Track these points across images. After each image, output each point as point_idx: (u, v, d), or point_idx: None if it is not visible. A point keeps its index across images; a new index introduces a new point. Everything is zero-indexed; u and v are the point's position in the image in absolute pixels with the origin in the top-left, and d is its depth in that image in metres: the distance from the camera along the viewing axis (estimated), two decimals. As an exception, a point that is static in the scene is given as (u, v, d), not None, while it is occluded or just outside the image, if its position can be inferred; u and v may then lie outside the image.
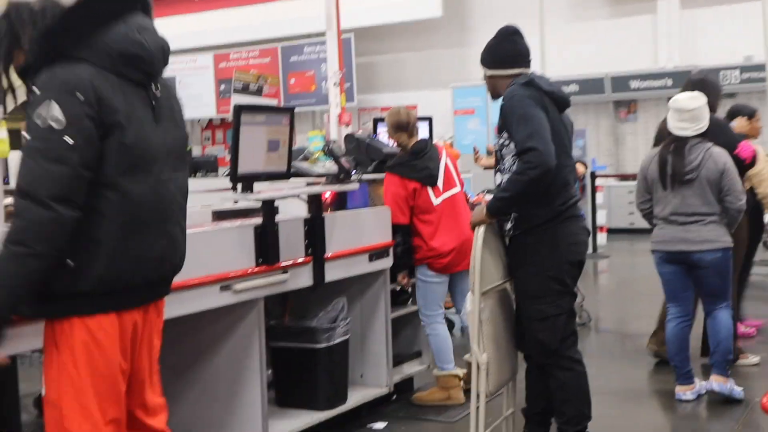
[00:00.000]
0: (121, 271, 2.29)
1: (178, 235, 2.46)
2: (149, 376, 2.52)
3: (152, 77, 2.38)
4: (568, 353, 3.75)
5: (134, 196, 2.29)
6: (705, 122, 4.70)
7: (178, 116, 2.51)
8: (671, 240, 4.73)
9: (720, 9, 13.81)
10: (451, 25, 15.43)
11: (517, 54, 3.85)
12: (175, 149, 2.45)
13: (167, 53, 2.44)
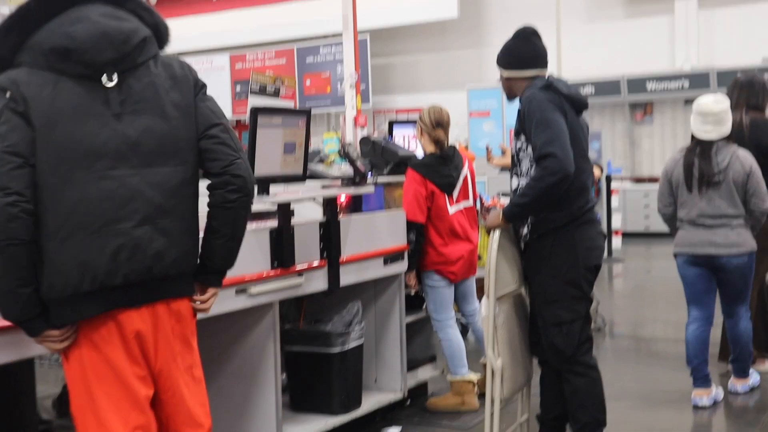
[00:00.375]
0: (69, 277, 2.24)
1: (146, 234, 2.30)
2: (186, 386, 2.46)
3: (97, 68, 2.28)
4: (584, 359, 3.72)
5: (69, 197, 2.23)
6: (728, 125, 4.71)
7: (168, 106, 2.37)
8: (698, 243, 4.71)
9: (738, 9, 13.73)
10: (466, 26, 15.41)
11: (535, 55, 3.83)
12: (147, 142, 2.32)
13: (119, 40, 2.30)
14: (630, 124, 14.83)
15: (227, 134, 2.45)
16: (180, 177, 2.38)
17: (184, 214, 2.39)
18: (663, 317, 7.78)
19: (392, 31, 15.72)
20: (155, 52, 2.42)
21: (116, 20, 2.33)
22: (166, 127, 2.36)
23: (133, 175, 2.30)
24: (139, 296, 2.34)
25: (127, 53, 2.32)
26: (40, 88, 2.23)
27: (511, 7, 14.97)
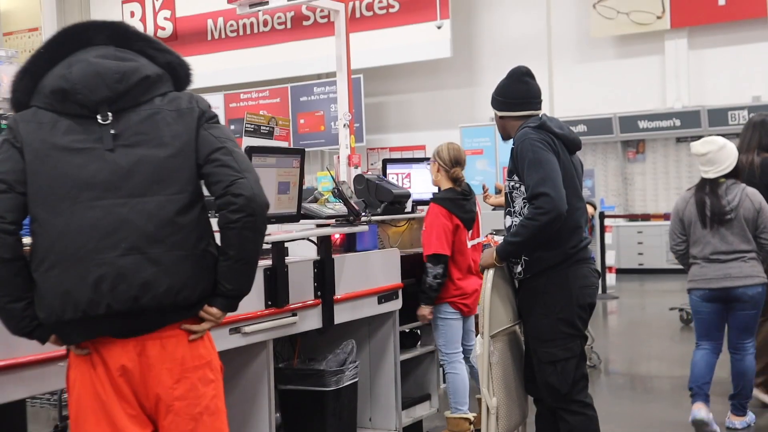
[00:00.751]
0: (52, 306, 2.28)
1: (133, 263, 2.27)
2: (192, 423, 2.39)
3: (91, 107, 2.35)
4: (579, 397, 3.72)
5: (55, 227, 2.29)
6: (727, 164, 4.88)
7: (167, 138, 2.37)
8: (714, 278, 4.85)
9: (728, 50, 13.89)
10: (459, 65, 15.55)
11: (528, 95, 3.86)
12: (140, 172, 2.33)
13: (113, 79, 2.35)
14: (623, 162, 14.93)
15: (230, 156, 2.40)
16: (176, 206, 2.35)
17: (181, 243, 2.34)
18: (658, 354, 7.77)
19: (386, 70, 15.85)
20: (165, 90, 2.45)
21: (114, 60, 2.39)
22: (162, 157, 2.36)
23: (123, 204, 2.31)
24: (126, 328, 2.32)
25: (123, 92, 2.36)
26: (38, 126, 2.34)
27: (503, 47, 15.12)
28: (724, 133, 13.90)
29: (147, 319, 2.34)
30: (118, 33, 2.46)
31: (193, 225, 2.38)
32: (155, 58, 2.47)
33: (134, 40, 2.47)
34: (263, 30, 16.74)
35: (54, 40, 2.44)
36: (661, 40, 14.32)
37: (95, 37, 2.44)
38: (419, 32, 14.93)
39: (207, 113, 2.48)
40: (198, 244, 2.38)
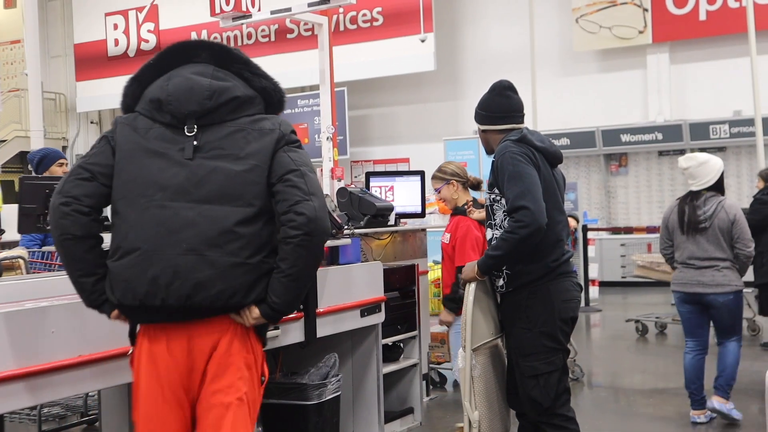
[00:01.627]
0: (115, 290, 2.50)
1: (190, 263, 2.44)
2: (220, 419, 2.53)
3: (180, 118, 2.57)
4: (561, 411, 3.71)
5: (129, 220, 2.51)
6: (707, 178, 5.34)
7: (243, 155, 2.54)
8: (688, 282, 5.31)
9: (709, 64, 14.01)
10: (443, 78, 15.60)
11: (510, 109, 3.86)
12: (211, 182, 2.50)
13: (203, 96, 2.56)
14: (605, 175, 15.00)
15: (302, 179, 2.53)
16: (239, 216, 2.49)
17: (237, 251, 2.47)
18: (641, 367, 7.79)
19: (370, 83, 15.88)
20: (254, 111, 2.63)
21: (210, 78, 2.60)
22: (234, 171, 2.52)
23: (191, 208, 2.48)
24: (171, 318, 2.51)
25: (211, 108, 2.57)
26: (133, 130, 2.60)
27: (487, 60, 15.19)
28: (706, 147, 14.11)
29: (193, 314, 2.50)
30: (220, 53, 2.67)
31: (253, 236, 2.50)
32: (251, 81, 2.67)
33: (234, 62, 2.67)
34: (247, 43, 16.73)
35: (163, 53, 2.69)
36: (643, 55, 14.43)
37: (198, 55, 2.66)
38: (403, 45, 14.98)
39: (288, 137, 2.61)
40: (255, 255, 2.50)
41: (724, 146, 14.04)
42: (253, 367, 2.64)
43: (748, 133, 13.21)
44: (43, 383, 2.72)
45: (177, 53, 2.68)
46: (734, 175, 14.11)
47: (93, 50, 18.45)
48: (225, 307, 2.50)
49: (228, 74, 2.65)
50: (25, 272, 4.67)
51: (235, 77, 2.65)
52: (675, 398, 6.27)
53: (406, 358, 5.07)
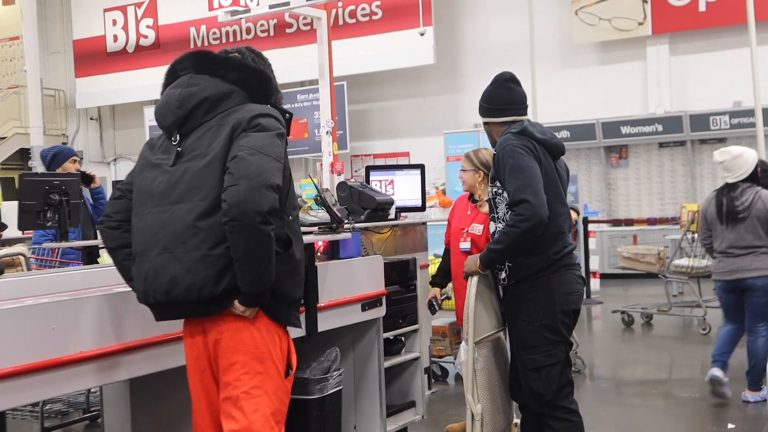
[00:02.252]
0: (135, 289, 2.82)
1: (165, 261, 2.66)
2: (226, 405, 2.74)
3: (167, 131, 2.81)
4: (564, 403, 3.71)
5: (133, 227, 2.82)
6: (742, 171, 5.63)
7: (210, 151, 2.70)
8: (728, 270, 5.63)
9: (709, 55, 13.98)
10: (443, 72, 15.57)
11: (512, 101, 3.85)
12: (182, 182, 2.70)
13: (174, 106, 2.78)
14: (606, 168, 14.98)
15: (237, 163, 2.61)
16: (198, 211, 2.66)
17: (200, 244, 2.63)
18: (643, 359, 7.79)
19: (369, 77, 15.85)
20: (233, 104, 2.78)
21: (184, 88, 2.79)
22: (197, 168, 2.70)
23: (166, 210, 2.71)
24: (172, 315, 2.78)
25: (185, 116, 2.77)
26: (149, 147, 2.91)
27: (486, 53, 15.16)
28: (706, 138, 14.11)
29: (182, 310, 2.74)
30: (198, 60, 2.85)
31: (212, 228, 2.63)
32: (225, 77, 2.81)
33: (210, 64, 2.84)
34: (246, 37, 16.71)
35: (166, 73, 2.92)
36: (642, 46, 14.40)
37: (182, 69, 2.87)
38: (402, 39, 14.95)
39: (242, 124, 2.70)
40: (217, 246, 2.63)
41: (725, 137, 14.02)
42: (268, 359, 2.75)
43: (748, 123, 13.18)
44: (44, 380, 2.72)
45: (170, 72, 2.91)
46: (735, 166, 14.07)
47: (92, 46, 18.43)
48: (200, 300, 2.64)
49: (203, 78, 2.81)
50: (25, 269, 4.67)
51: (210, 78, 2.81)
52: (676, 388, 6.27)
53: (407, 352, 5.07)
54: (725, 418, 5.34)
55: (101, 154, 19.43)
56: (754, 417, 5.33)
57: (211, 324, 2.74)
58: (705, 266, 8.94)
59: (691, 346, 8.16)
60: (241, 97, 2.81)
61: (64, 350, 2.79)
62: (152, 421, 3.81)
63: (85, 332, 2.88)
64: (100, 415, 4.72)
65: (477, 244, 4.90)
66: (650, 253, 9.06)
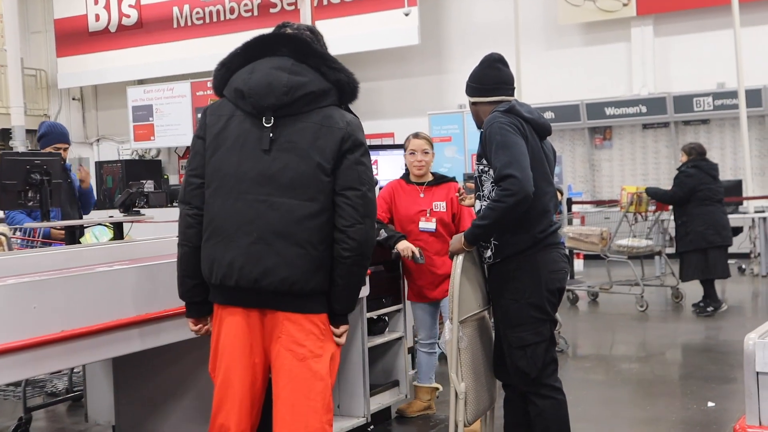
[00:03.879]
0: (204, 269, 2.86)
1: (258, 251, 2.76)
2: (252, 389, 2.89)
3: (259, 110, 2.82)
4: (548, 381, 3.72)
5: (213, 208, 2.84)
6: None
7: (312, 150, 2.78)
8: None
9: (693, 37, 14.01)
10: (427, 52, 15.53)
11: (500, 81, 3.84)
12: (282, 176, 2.78)
13: (280, 91, 2.80)
14: (590, 149, 15.01)
15: (360, 200, 2.82)
16: (306, 210, 2.78)
17: (304, 242, 2.77)
18: (625, 339, 7.85)
19: (353, 57, 15.73)
20: (328, 103, 2.86)
21: (287, 73, 2.83)
22: (303, 167, 2.78)
23: (263, 201, 2.78)
24: (251, 300, 2.83)
25: (288, 103, 2.80)
26: (218, 117, 2.89)
27: (471, 34, 15.13)
28: (690, 120, 14.15)
29: (268, 299, 2.81)
30: (300, 48, 2.89)
31: (316, 229, 2.79)
32: (326, 75, 2.87)
33: (312, 56, 2.88)
34: (230, 17, 16.61)
35: (249, 44, 2.94)
36: (627, 28, 14.41)
37: (280, 49, 2.89)
38: (387, 19, 14.89)
39: (352, 137, 2.86)
40: (318, 246, 2.79)
41: (708, 119, 14.08)
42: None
43: (731, 105, 13.24)
44: (26, 359, 2.71)
45: (262, 45, 2.92)
46: (718, 148, 14.16)
47: (74, 25, 18.25)
48: (290, 292, 2.79)
49: (305, 68, 2.85)
50: (6, 249, 4.64)
51: (311, 71, 2.86)
52: (657, 366, 6.33)
53: (391, 332, 5.09)
54: (705, 396, 5.39)
55: (84, 134, 19.29)
56: (733, 395, 5.38)
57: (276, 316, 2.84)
58: (645, 246, 9.28)
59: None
60: (334, 97, 2.91)
61: (46, 329, 2.78)
62: (135, 401, 3.81)
63: (67, 311, 2.86)
64: (83, 395, 4.71)
65: (443, 221, 4.94)
66: (593, 233, 9.20)
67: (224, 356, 2.90)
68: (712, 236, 8.52)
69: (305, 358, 2.84)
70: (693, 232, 8.56)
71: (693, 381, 5.99)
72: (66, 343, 2.85)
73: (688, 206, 8.59)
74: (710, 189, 8.65)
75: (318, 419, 2.86)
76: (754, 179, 13.25)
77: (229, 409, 2.89)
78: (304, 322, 2.84)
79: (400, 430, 4.97)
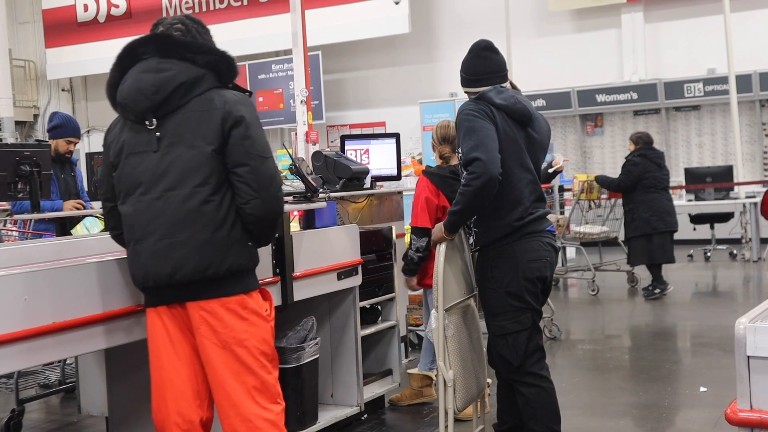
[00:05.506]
0: (131, 273, 2.95)
1: (165, 247, 2.82)
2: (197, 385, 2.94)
3: (139, 115, 2.87)
4: (533, 369, 3.72)
5: (123, 216, 2.92)
6: None
7: (196, 138, 2.82)
8: None
9: (683, 23, 14.01)
10: (418, 41, 15.50)
11: (487, 71, 3.81)
12: (173, 170, 2.82)
13: (150, 92, 2.83)
14: (581, 136, 15.03)
15: (252, 175, 2.84)
16: (200, 196, 2.82)
17: (204, 227, 2.82)
18: (617, 325, 7.87)
19: (344, 46, 15.75)
20: (205, 88, 2.87)
21: (153, 73, 2.85)
22: (189, 156, 2.82)
23: (158, 198, 2.83)
24: (171, 297, 2.88)
25: (161, 101, 2.84)
26: (114, 134, 2.98)
27: (461, 22, 15.10)
28: (680, 106, 14.16)
29: (184, 292, 2.86)
30: (162, 44, 2.90)
31: (213, 211, 2.83)
32: (195, 61, 2.88)
33: (176, 48, 2.89)
34: (219, 7, 16.53)
35: (120, 55, 2.94)
36: (617, 14, 14.40)
37: (144, 52, 2.91)
38: (377, 8, 14.85)
39: (233, 114, 2.84)
40: (221, 227, 2.84)
41: (699, 104, 14.10)
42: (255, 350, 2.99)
43: (722, 91, 13.27)
44: (17, 350, 2.70)
45: (131, 53, 2.93)
46: (709, 134, 14.19)
47: (62, 16, 18.14)
48: (204, 279, 2.84)
49: (172, 62, 2.87)
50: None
51: (179, 62, 2.87)
52: (649, 352, 6.35)
53: (384, 321, 5.09)
54: (697, 382, 5.41)
55: (74, 125, 19.20)
56: (725, 380, 5.40)
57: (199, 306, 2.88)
58: (599, 232, 9.59)
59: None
60: (212, 80, 2.91)
61: (38, 320, 2.77)
62: (128, 392, 3.80)
63: (58, 303, 2.86)
64: (75, 386, 4.71)
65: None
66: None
67: (155, 357, 2.97)
68: (656, 222, 8.88)
69: (228, 345, 2.87)
70: (639, 219, 8.94)
71: (685, 366, 6.03)
72: (58, 334, 2.84)
73: (634, 194, 8.98)
74: (655, 177, 8.97)
75: (251, 408, 2.90)
76: (745, 165, 13.30)
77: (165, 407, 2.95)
78: (221, 308, 2.87)
79: (394, 418, 4.98)
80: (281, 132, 16.77)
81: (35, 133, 18.92)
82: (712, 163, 14.01)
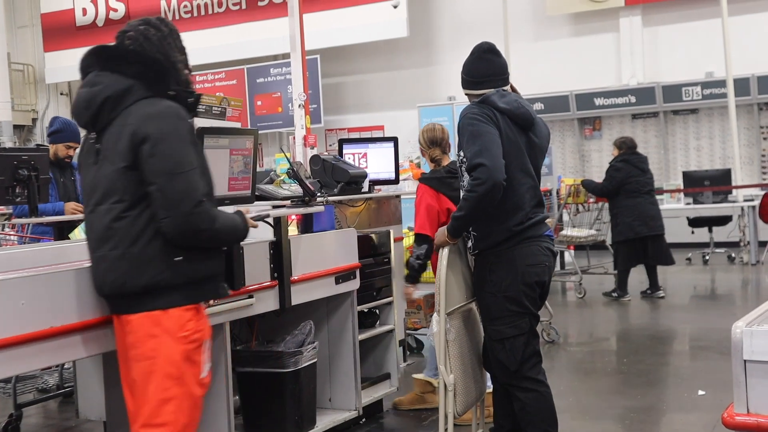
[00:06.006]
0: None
1: (95, 260, 2.87)
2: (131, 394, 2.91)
3: (84, 128, 2.94)
4: (530, 374, 3.71)
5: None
6: None
7: (115, 154, 2.79)
8: None
9: (681, 26, 14.03)
10: (416, 45, 15.52)
11: (489, 74, 3.81)
12: (98, 185, 2.84)
13: (83, 107, 2.86)
14: (579, 139, 15.04)
15: (159, 194, 2.74)
16: (114, 213, 2.80)
17: (118, 244, 2.79)
18: (615, 329, 7.87)
19: (343, 50, 15.76)
20: (134, 99, 2.81)
21: (89, 87, 2.86)
22: (110, 171, 2.81)
23: (90, 212, 2.89)
24: (111, 307, 2.93)
25: (93, 116, 2.85)
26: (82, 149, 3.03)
27: (459, 26, 15.12)
28: (678, 110, 14.17)
29: (111, 304, 2.91)
30: (99, 57, 2.90)
31: (127, 228, 2.79)
32: (125, 73, 2.84)
33: (111, 60, 2.88)
34: (218, 11, 16.53)
35: (79, 69, 2.94)
36: (615, 18, 14.42)
37: (88, 65, 2.93)
38: (376, 12, 14.86)
39: (138, 134, 2.75)
40: (135, 244, 2.78)
41: (697, 108, 14.12)
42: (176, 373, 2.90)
43: (720, 94, 13.28)
44: (15, 355, 2.70)
45: (84, 68, 2.94)
46: (707, 137, 14.20)
47: (61, 20, 18.14)
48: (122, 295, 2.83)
49: (105, 75, 2.86)
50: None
51: (111, 75, 2.85)
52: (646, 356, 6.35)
53: (382, 325, 5.09)
54: (695, 385, 5.41)
55: (72, 129, 19.19)
56: (723, 384, 5.40)
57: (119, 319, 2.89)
58: (587, 236, 9.70)
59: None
60: (142, 90, 2.84)
61: (35, 325, 2.77)
62: (126, 396, 3.79)
63: (56, 307, 2.86)
64: (73, 391, 4.70)
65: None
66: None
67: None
68: (639, 227, 8.92)
69: (138, 359, 2.83)
70: (622, 223, 9.02)
71: (683, 370, 6.03)
72: (55, 339, 2.84)
73: (618, 198, 9.05)
74: (638, 181, 9.03)
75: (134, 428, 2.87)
76: (743, 168, 13.31)
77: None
78: (135, 323, 2.82)
79: (392, 422, 4.98)
80: (279, 136, 16.77)
81: (34, 137, 18.92)
82: (710, 166, 14.03)
